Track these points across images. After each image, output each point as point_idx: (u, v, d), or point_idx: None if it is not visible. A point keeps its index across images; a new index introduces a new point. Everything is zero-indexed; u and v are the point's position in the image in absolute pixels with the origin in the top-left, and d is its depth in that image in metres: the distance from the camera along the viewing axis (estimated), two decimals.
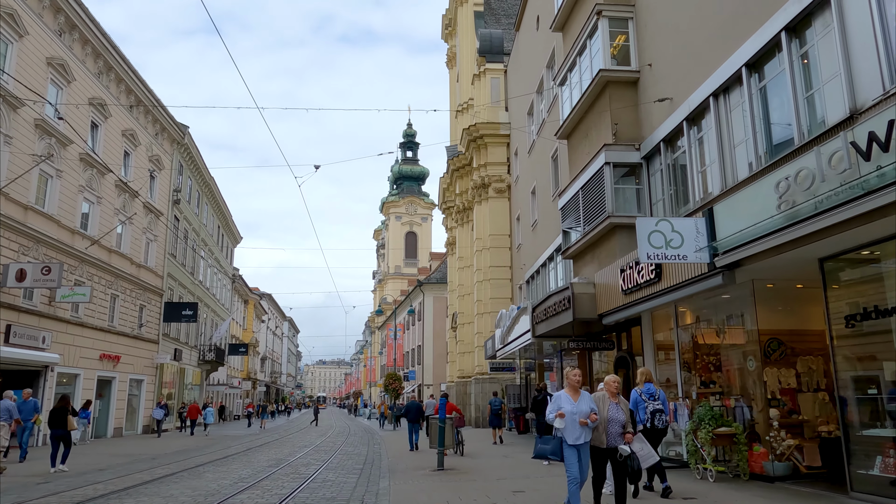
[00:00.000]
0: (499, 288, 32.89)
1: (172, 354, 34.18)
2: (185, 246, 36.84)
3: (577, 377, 7.01)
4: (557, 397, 6.99)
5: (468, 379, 36.48)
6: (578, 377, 7.04)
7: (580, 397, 6.87)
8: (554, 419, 6.77)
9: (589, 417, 6.69)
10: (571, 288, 14.14)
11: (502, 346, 23.18)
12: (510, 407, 27.94)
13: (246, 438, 27.15)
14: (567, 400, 6.85)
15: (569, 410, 6.72)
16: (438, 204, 49.44)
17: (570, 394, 6.93)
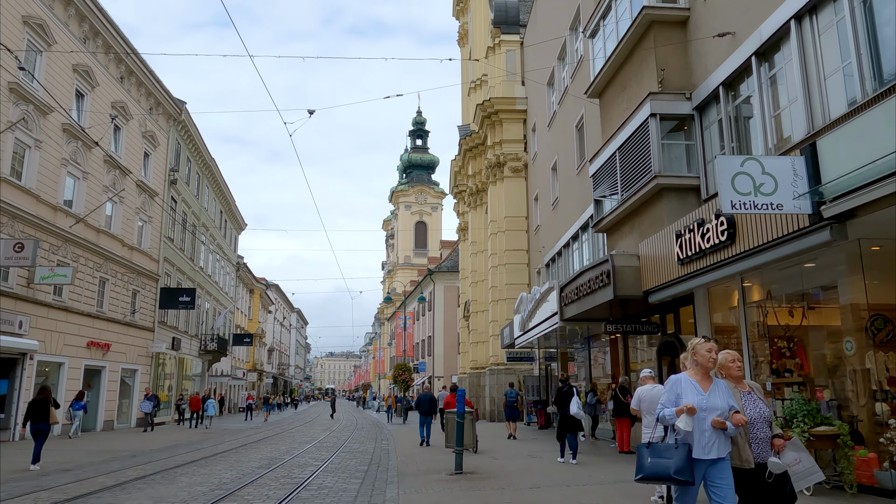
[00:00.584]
0: (515, 273, 30.82)
1: (170, 343, 32.38)
2: (184, 230, 34.97)
3: (710, 353, 4.58)
4: (675, 382, 4.55)
5: (482, 370, 34.47)
6: (713, 353, 4.60)
7: (713, 386, 4.51)
8: (672, 417, 4.37)
9: (731, 418, 4.33)
10: (612, 260, 12.05)
11: (522, 334, 21.14)
12: (529, 400, 25.93)
13: (245, 433, 25.30)
14: (692, 388, 4.47)
15: (699, 404, 4.36)
16: (450, 188, 47.37)
17: (696, 379, 4.54)
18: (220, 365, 45.58)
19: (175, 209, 33.09)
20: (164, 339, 31.06)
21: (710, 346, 4.57)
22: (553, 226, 25.39)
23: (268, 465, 13.07)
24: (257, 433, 24.71)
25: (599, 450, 15.10)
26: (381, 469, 12.07)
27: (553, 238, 25.23)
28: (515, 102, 32.24)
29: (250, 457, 15.03)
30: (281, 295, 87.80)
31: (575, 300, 14.38)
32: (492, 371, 30.80)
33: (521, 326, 21.19)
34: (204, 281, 39.94)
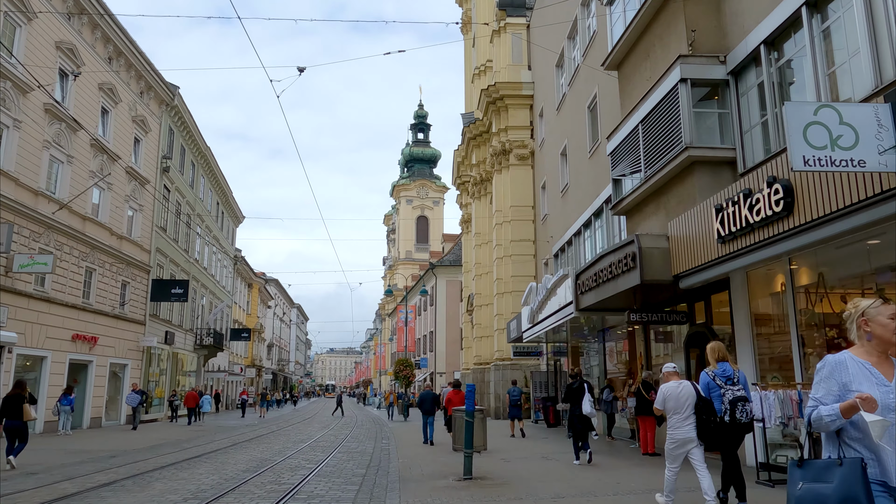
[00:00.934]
0: (521, 264, 29.60)
1: (163, 337, 31.20)
2: (178, 220, 33.76)
3: (891, 318, 2.96)
4: (836, 366, 2.96)
5: (486, 366, 33.26)
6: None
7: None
8: (835, 418, 2.83)
9: None
10: (638, 241, 10.79)
11: (531, 326, 19.91)
12: (537, 396, 24.72)
13: (239, 430, 24.12)
14: (867, 374, 2.92)
15: (884, 401, 2.82)
16: (452, 179, 46.12)
17: (870, 360, 2.97)
18: (217, 360, 44.43)
19: (168, 198, 31.87)
20: (156, 332, 29.87)
21: (893, 311, 2.98)
22: (562, 214, 24.17)
23: (255, 468, 11.86)
24: (251, 431, 23.53)
25: (619, 451, 13.89)
26: (380, 473, 10.87)
27: (562, 227, 24.01)
28: (522, 87, 30.98)
29: (238, 458, 13.84)
30: (280, 290, 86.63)
31: (593, 287, 13.15)
32: (497, 367, 29.60)
33: (529, 319, 19.97)
34: (199, 273, 38.76)
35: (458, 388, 17.21)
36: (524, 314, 21.42)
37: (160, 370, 31.20)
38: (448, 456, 13.38)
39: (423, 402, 18.73)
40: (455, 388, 17.26)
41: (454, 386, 17.44)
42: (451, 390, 17.13)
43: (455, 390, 16.94)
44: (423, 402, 18.90)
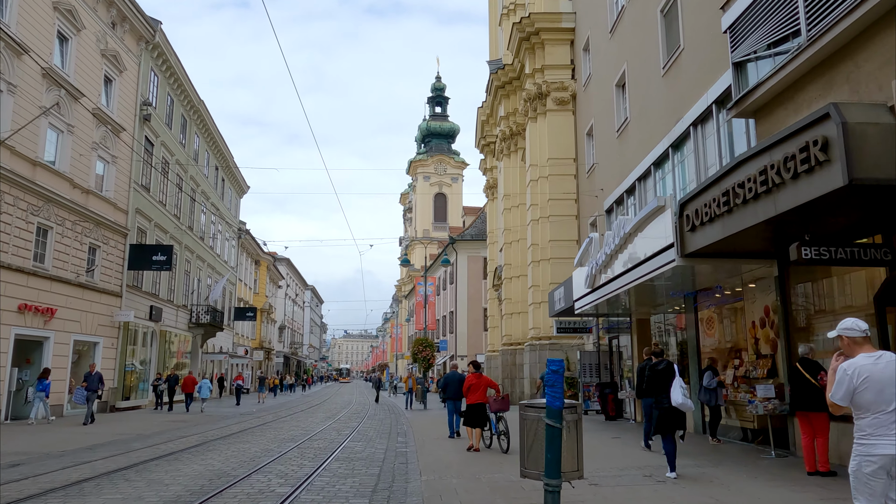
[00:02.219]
0: (561, 226, 25.08)
1: (147, 312, 27.16)
2: (165, 180, 29.58)
3: None
4: None
5: (518, 347, 28.90)
6: None
7: None
8: None
9: None
10: (838, 115, 6.21)
11: (590, 292, 15.40)
12: (587, 382, 20.30)
13: (225, 422, 20.03)
14: None
15: None
16: (476, 142, 41.53)
17: None
18: (218, 341, 40.49)
19: (152, 154, 27.67)
20: (136, 306, 25.81)
21: None
22: (619, 159, 19.60)
23: (204, 488, 7.59)
24: (239, 423, 19.41)
25: (751, 463, 9.42)
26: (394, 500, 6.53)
27: (618, 175, 19.46)
28: (561, 19, 26.24)
29: (194, 467, 9.61)
30: (292, 270, 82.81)
31: (717, 217, 8.59)
32: (532, 347, 25.17)
33: (588, 283, 15.45)
34: (194, 244, 34.66)
35: (480, 372, 12.96)
36: (577, 279, 16.92)
37: (143, 350, 27.17)
38: (491, 461, 9.10)
39: (448, 384, 14.86)
40: (476, 370, 12.95)
41: (475, 368, 13.13)
42: (472, 374, 12.74)
43: (476, 374, 12.62)
44: (447, 385, 14.98)
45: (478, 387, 12.22)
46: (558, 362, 5.67)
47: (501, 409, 12.24)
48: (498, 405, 12.32)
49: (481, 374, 12.93)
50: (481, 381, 12.46)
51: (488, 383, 12.63)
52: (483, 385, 12.40)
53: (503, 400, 12.66)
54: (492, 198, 39.24)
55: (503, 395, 13.45)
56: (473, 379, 12.40)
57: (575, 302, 16.99)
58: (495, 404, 12.30)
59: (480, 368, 13.53)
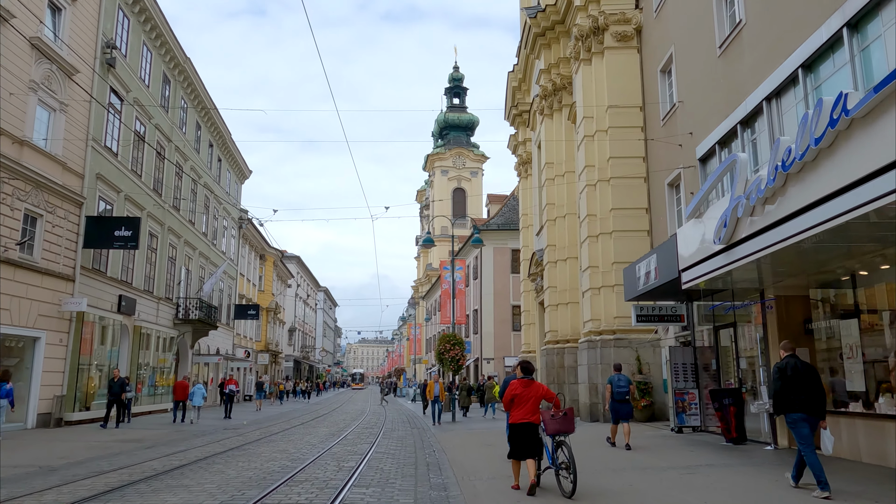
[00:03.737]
0: (626, 191, 19.85)
1: (114, 304, 22.25)
2: (139, 143, 24.71)
3: None
4: None
5: (567, 344, 23.60)
6: None
7: None
8: None
9: None
10: None
11: (724, 249, 10.04)
12: (679, 389, 14.96)
13: (198, 440, 14.99)
14: None
15: None
16: (506, 114, 36.37)
17: None
18: (211, 341, 35.57)
19: (121, 111, 22.80)
20: (97, 294, 20.91)
21: None
22: (722, 85, 14.35)
23: None
24: (214, 443, 14.33)
25: None
26: None
27: (721, 107, 14.21)
28: None
29: None
30: (304, 269, 78.07)
31: None
32: (591, 343, 19.85)
33: (719, 237, 10.10)
34: (182, 228, 29.78)
35: (531, 377, 8.53)
36: (687, 238, 11.63)
37: (108, 349, 22.19)
38: None
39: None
40: (526, 374, 8.59)
41: (524, 373, 8.57)
42: (518, 380, 8.53)
43: (524, 380, 8.47)
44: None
45: (526, 398, 8.24)
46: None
47: (562, 431, 8.30)
48: (557, 425, 8.30)
49: (532, 381, 8.48)
50: (531, 391, 8.27)
51: (542, 394, 8.35)
52: (534, 396, 8.25)
53: (565, 418, 8.35)
54: (525, 175, 34.04)
55: (564, 409, 8.57)
56: (519, 387, 8.34)
57: (684, 272, 11.67)
58: (553, 424, 8.29)
59: (532, 373, 8.66)
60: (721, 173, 10.51)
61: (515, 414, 8.27)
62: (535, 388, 8.35)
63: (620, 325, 19.17)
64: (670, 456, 10.86)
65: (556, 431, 8.27)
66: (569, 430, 8.37)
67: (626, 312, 19.10)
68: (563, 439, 8.24)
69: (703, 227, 10.75)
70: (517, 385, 8.40)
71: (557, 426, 8.31)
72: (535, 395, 8.26)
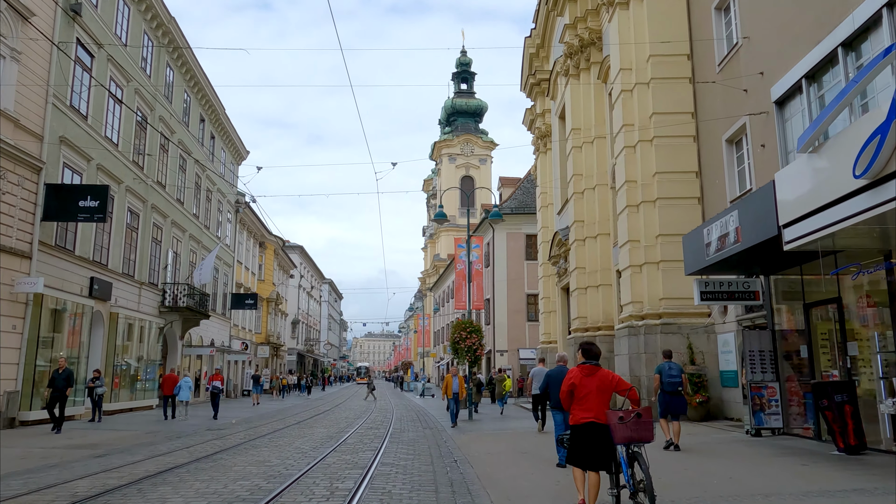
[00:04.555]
0: (674, 152, 17.01)
1: (86, 287, 19.59)
2: (114, 104, 21.99)
3: None
4: None
5: (599, 332, 20.80)
6: None
7: None
8: None
9: None
10: None
11: (865, 188, 7.23)
12: (756, 383, 12.15)
13: (175, 442, 12.35)
14: None
15: None
16: (522, 85, 33.52)
17: None
18: (206, 332, 32.95)
19: (91, 67, 20.07)
20: (62, 276, 18.26)
21: None
22: (809, 8, 11.47)
23: None
24: (182, 449, 11.62)
25: None
26: None
27: (808, 35, 11.36)
28: None
29: None
30: (307, 260, 75.44)
31: None
32: (632, 330, 17.02)
33: (868, 168, 7.25)
34: (168, 207, 27.09)
35: (596, 363, 6.42)
36: (794, 184, 8.80)
37: (79, 338, 19.52)
38: None
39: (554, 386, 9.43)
40: (589, 359, 6.46)
41: (587, 356, 6.48)
42: (579, 367, 6.47)
43: (587, 366, 6.39)
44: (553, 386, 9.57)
45: (587, 390, 6.23)
46: None
47: (636, 439, 6.22)
48: (628, 431, 6.19)
49: (597, 367, 6.34)
50: (596, 381, 6.24)
51: (612, 385, 6.32)
52: (600, 388, 6.24)
53: (639, 421, 6.16)
54: (543, 150, 31.18)
55: (640, 408, 6.26)
56: (580, 376, 6.31)
57: (788, 228, 8.81)
58: (622, 429, 6.17)
59: (598, 358, 6.36)
60: (871, 74, 7.59)
61: (576, 412, 6.28)
62: (601, 377, 6.25)
63: (668, 307, 16.36)
64: (777, 473, 8.08)
65: (628, 439, 6.16)
66: (645, 439, 6.21)
67: (674, 292, 16.35)
68: (637, 450, 6.18)
69: (825, 162, 7.92)
70: (577, 374, 6.34)
71: (629, 432, 6.13)
72: (602, 386, 6.21)
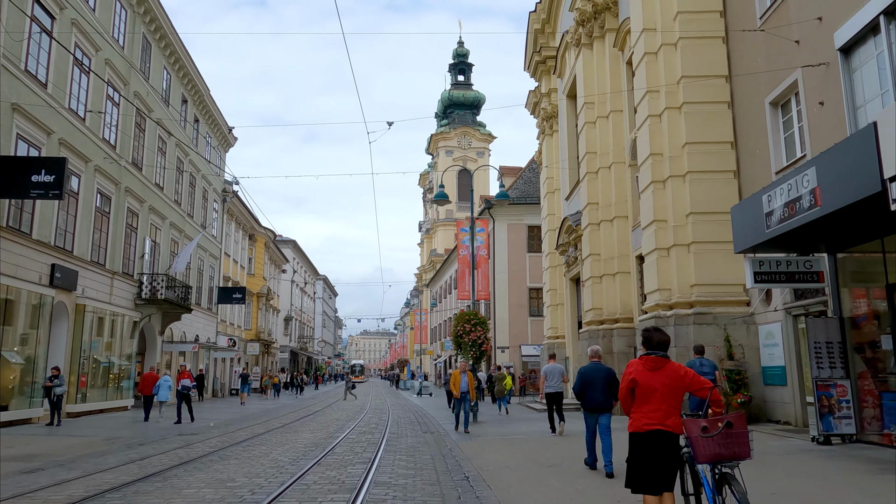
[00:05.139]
0: (706, 120, 15.06)
1: (46, 275, 17.54)
2: (72, 71, 19.91)
3: None
4: None
5: (616, 325, 18.85)
6: None
7: None
8: None
9: None
10: None
11: None
12: (821, 379, 10.18)
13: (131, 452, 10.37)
14: None
15: None
16: (525, 63, 31.50)
17: None
18: (190, 327, 30.90)
19: (52, 29, 17.98)
20: (15, 261, 16.20)
21: None
22: None
23: None
24: (129, 464, 9.60)
25: None
26: None
27: None
28: None
29: None
30: (300, 255, 73.37)
31: None
32: (660, 321, 15.02)
33: None
34: (144, 191, 25.02)
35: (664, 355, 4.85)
36: None
37: (38, 333, 17.43)
38: None
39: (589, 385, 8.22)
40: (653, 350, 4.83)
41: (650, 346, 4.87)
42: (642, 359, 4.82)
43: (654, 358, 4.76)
44: (587, 384, 8.26)
45: (652, 389, 4.72)
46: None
47: (729, 456, 4.62)
48: (718, 445, 4.60)
49: (666, 360, 4.82)
50: (664, 377, 4.73)
51: (685, 383, 4.78)
52: (669, 386, 4.73)
53: (730, 433, 4.58)
54: (549, 132, 29.20)
55: (727, 416, 4.63)
56: (643, 370, 4.81)
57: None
58: (707, 445, 4.61)
59: (663, 347, 4.88)
60: None
61: (637, 417, 4.80)
62: (670, 372, 4.76)
63: (701, 294, 14.41)
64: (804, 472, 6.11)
65: (716, 457, 4.63)
66: (740, 455, 4.63)
67: (709, 278, 14.42)
68: (728, 471, 4.64)
69: None
70: (638, 368, 4.83)
71: (717, 448, 4.59)
72: (672, 383, 4.73)
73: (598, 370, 8.43)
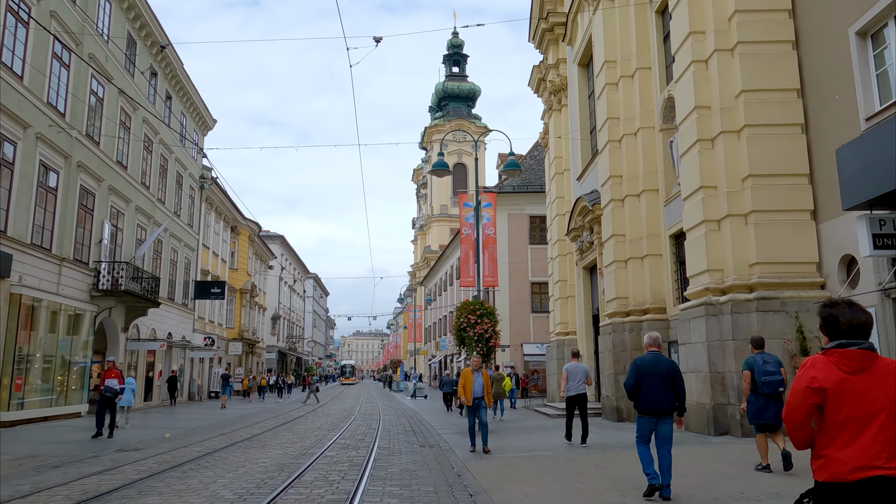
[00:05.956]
0: (765, 64, 12.34)
1: None
2: (4, 17, 16.99)
3: None
4: None
5: (645, 316, 16.07)
6: None
7: None
8: None
9: None
10: None
11: None
12: None
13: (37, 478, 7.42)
14: None
15: None
16: (530, 35, 28.69)
17: None
18: (160, 324, 27.93)
19: None
20: None
21: None
22: None
23: None
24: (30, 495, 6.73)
25: None
26: None
27: None
28: None
29: None
30: (289, 251, 70.40)
31: None
32: (712, 309, 12.24)
33: None
34: (102, 168, 22.07)
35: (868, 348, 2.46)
36: None
37: None
38: None
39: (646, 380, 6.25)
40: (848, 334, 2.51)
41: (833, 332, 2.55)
42: (828, 354, 2.51)
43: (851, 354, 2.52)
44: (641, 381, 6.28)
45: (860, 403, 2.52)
46: None
47: None
48: None
49: (874, 355, 2.50)
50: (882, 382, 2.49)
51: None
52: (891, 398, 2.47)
53: None
54: (557, 107, 26.40)
55: None
56: (836, 371, 2.56)
57: None
58: None
59: (863, 331, 2.46)
60: None
61: (835, 453, 2.57)
62: (886, 374, 2.55)
63: (765, 275, 11.65)
64: None
65: None
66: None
67: (774, 255, 11.66)
68: None
69: None
70: (827, 369, 2.58)
71: None
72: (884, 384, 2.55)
73: (659, 362, 6.07)
